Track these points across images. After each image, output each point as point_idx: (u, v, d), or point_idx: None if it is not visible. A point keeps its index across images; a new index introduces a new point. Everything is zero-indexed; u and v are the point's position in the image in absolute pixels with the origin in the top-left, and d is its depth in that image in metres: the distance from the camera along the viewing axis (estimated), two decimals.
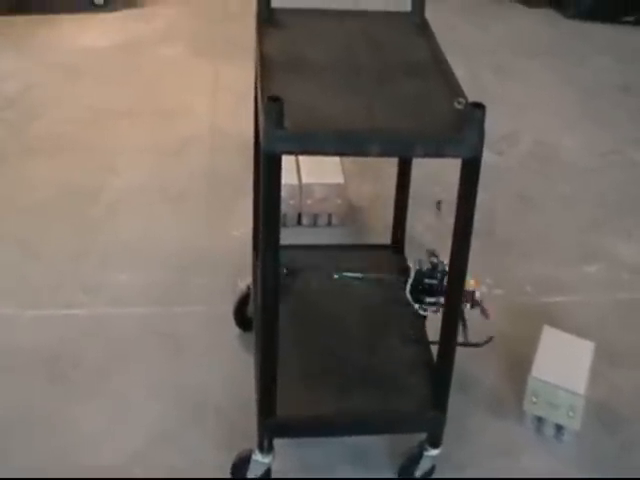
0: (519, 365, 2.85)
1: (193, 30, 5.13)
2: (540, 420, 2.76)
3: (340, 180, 3.52)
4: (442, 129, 2.08)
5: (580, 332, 2.93)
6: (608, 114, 4.56)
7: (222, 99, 4.38)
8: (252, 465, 2.43)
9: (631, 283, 3.42)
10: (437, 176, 3.46)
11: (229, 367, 2.84)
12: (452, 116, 2.07)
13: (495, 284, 3.28)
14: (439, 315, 2.42)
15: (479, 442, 2.70)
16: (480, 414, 2.80)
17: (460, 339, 2.43)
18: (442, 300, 2.50)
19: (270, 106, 1.93)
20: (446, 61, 2.35)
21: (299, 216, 3.53)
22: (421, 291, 2.66)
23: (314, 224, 3.54)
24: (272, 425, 2.37)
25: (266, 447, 2.40)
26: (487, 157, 3.93)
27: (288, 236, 3.37)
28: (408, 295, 2.66)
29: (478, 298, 2.70)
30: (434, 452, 2.48)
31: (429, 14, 2.53)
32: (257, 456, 2.42)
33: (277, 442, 2.41)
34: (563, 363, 2.77)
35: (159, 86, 4.52)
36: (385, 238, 2.98)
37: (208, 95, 4.43)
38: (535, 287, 3.34)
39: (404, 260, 2.88)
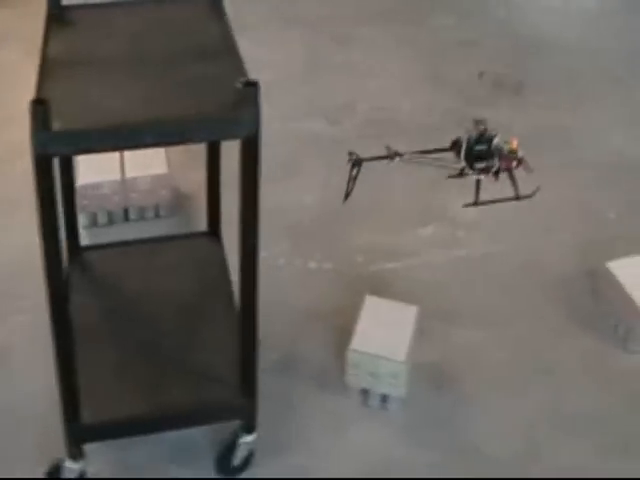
0: (344, 338, 2.82)
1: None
2: (365, 392, 2.74)
3: (164, 170, 3.46)
4: (217, 111, 2.06)
5: (414, 296, 2.93)
6: (449, 73, 4.54)
7: None
8: (64, 472, 2.38)
9: (467, 240, 3.41)
10: None
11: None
12: (231, 97, 2.03)
13: (324, 258, 3.30)
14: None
15: (305, 421, 2.68)
16: (306, 392, 2.78)
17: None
18: (493, 163, 3.13)
19: (35, 108, 1.89)
20: (234, 43, 2.33)
21: (126, 212, 3.45)
22: (474, 158, 3.16)
23: (142, 217, 3.46)
24: (77, 430, 2.33)
25: (76, 453, 2.34)
26: (322, 128, 3.98)
27: (114, 233, 3.35)
28: (464, 163, 3.17)
29: (522, 156, 3.24)
30: (249, 438, 2.45)
31: None
32: (68, 463, 2.36)
33: (99, 444, 2.36)
34: (384, 331, 2.76)
35: None
36: None
37: None
38: (367, 256, 3.32)
39: (221, 247, 2.85)
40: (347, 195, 3.65)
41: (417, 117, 4.17)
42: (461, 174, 3.54)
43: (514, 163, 3.38)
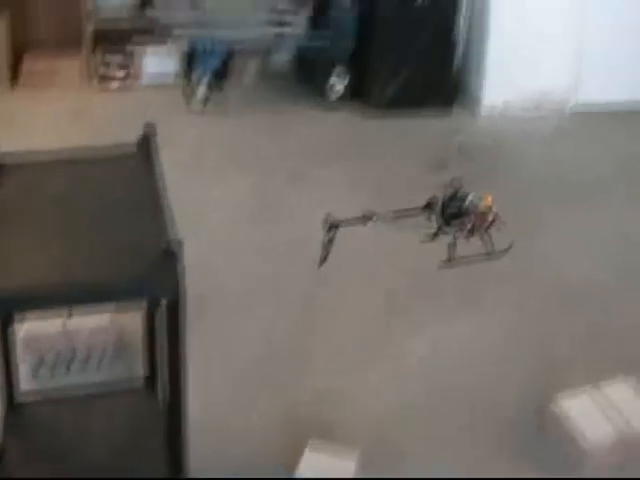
0: None
1: None
2: None
3: (106, 319, 3.45)
4: (139, 273, 2.05)
5: (357, 439, 2.88)
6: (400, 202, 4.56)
7: None
8: None
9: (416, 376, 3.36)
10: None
11: None
12: (154, 259, 2.03)
13: (268, 403, 3.25)
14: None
15: None
16: None
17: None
18: (468, 220, 3.35)
19: None
20: (164, 199, 2.32)
21: (68, 360, 3.42)
22: (449, 216, 3.45)
23: (85, 366, 3.43)
24: None
25: None
26: (273, 266, 3.97)
27: (56, 382, 3.30)
28: (440, 221, 3.47)
29: (496, 212, 3.51)
30: None
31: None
32: None
33: None
34: None
35: None
36: None
37: None
38: (312, 400, 3.27)
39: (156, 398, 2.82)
40: (323, 260, 3.61)
41: (370, 256, 4.17)
42: (436, 235, 3.83)
43: (489, 219, 3.60)
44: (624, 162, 5.25)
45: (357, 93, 5.76)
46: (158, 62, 5.91)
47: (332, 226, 3.58)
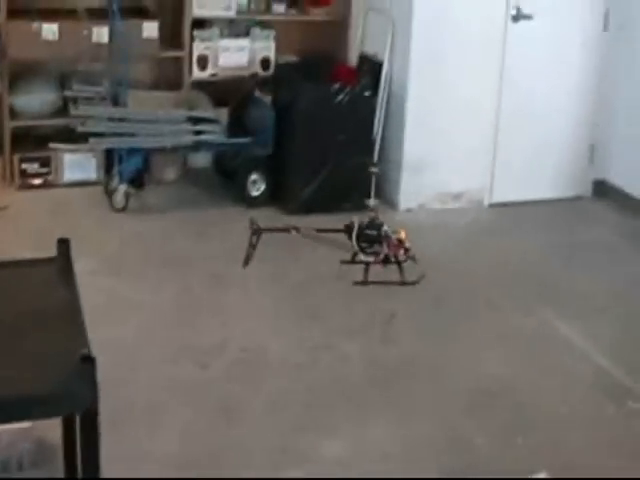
0: None
1: None
2: None
3: (27, 423, 3.41)
4: (51, 388, 2.02)
5: None
6: (320, 307, 4.64)
7: None
8: None
9: None
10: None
11: None
12: (67, 372, 2.01)
13: None
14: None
15: None
16: None
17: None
18: (380, 249, 4.11)
19: None
20: (79, 309, 2.32)
21: None
22: (363, 241, 4.01)
23: (4, 471, 3.38)
24: None
25: None
26: (190, 372, 4.00)
27: None
28: (354, 243, 4.10)
29: (408, 246, 4.12)
30: None
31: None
32: None
33: None
34: None
35: None
36: None
37: None
38: None
39: None
40: (247, 261, 4.18)
41: (287, 355, 4.22)
42: (354, 259, 4.36)
43: (401, 251, 4.19)
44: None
45: (276, 195, 5.87)
46: (78, 161, 5.96)
47: (255, 232, 3.73)
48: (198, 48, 6.28)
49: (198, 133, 5.66)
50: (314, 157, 5.80)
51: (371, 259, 4.38)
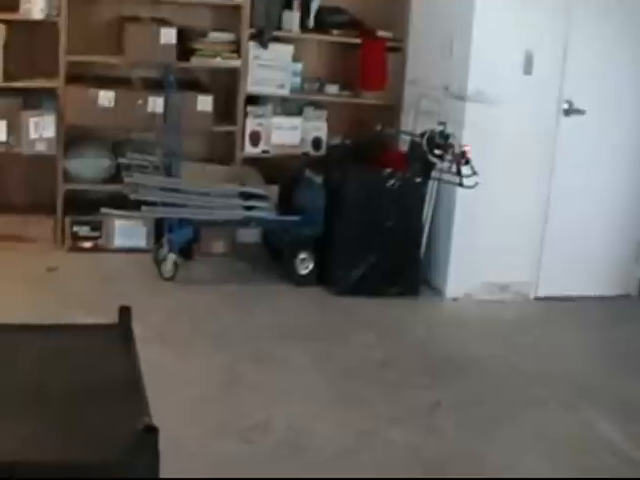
0: None
1: None
2: None
3: None
4: (112, 458, 2.00)
5: None
6: (364, 393, 4.59)
7: None
8: None
9: None
10: None
11: None
12: (129, 442, 1.99)
13: None
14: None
15: None
16: None
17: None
18: (447, 155, 5.20)
19: None
20: (140, 378, 2.31)
21: None
22: (433, 146, 5.14)
23: None
24: None
25: None
26: (235, 448, 3.93)
27: None
28: (424, 144, 5.28)
29: (469, 157, 5.14)
30: None
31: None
32: None
33: None
34: None
35: None
36: None
37: None
38: None
39: None
40: None
41: (331, 439, 4.16)
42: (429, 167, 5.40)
43: (462, 161, 5.11)
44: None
45: (324, 275, 5.86)
46: (129, 227, 5.99)
47: None
48: (251, 124, 6.34)
49: (248, 208, 5.68)
50: (362, 240, 5.78)
51: (436, 161, 5.27)
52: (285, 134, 6.43)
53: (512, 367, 5.08)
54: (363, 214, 5.78)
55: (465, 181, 5.24)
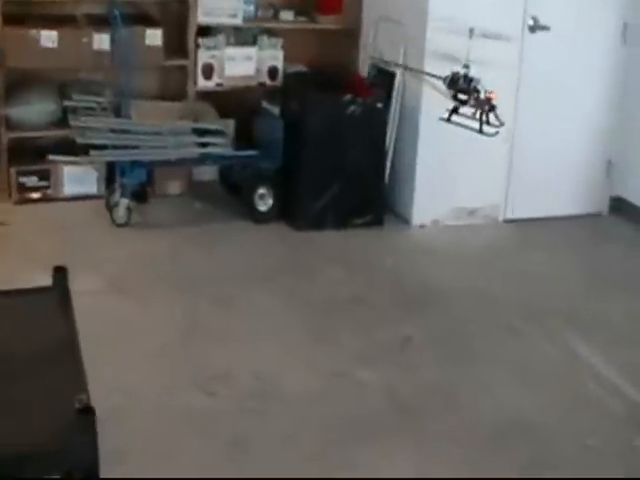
0: None
1: None
2: None
3: None
4: (45, 443, 1.78)
5: None
6: (334, 332, 4.41)
7: None
8: None
9: None
10: None
11: None
12: (64, 422, 1.78)
13: None
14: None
15: None
16: None
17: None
18: (470, 99, 4.75)
19: None
20: (78, 347, 2.09)
21: None
22: (457, 90, 4.76)
23: None
24: None
25: None
26: (198, 401, 3.75)
27: None
28: (445, 86, 4.86)
29: (494, 105, 4.72)
30: None
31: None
32: None
33: None
34: None
35: None
36: None
37: None
38: None
39: None
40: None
41: (301, 385, 3.98)
42: (450, 116, 4.93)
43: (486, 107, 4.71)
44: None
45: (285, 210, 5.64)
46: (79, 174, 5.74)
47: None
48: (203, 57, 6.05)
49: (204, 145, 5.43)
50: (324, 171, 5.56)
51: (458, 105, 4.94)
52: (239, 65, 6.16)
53: (486, 295, 4.93)
54: (324, 144, 5.55)
55: (485, 128, 4.91)
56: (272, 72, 6.22)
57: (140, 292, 4.63)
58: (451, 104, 4.98)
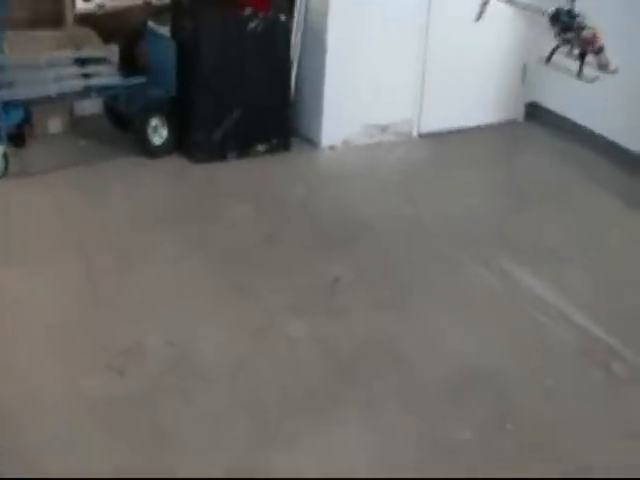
0: None
1: None
2: None
3: None
4: None
5: None
6: (252, 279, 3.95)
7: None
8: None
9: None
10: None
11: None
12: None
13: None
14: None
15: None
16: None
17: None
18: (573, 37, 3.97)
19: None
20: None
21: None
22: (560, 28, 4.04)
23: None
24: None
25: None
26: (106, 383, 3.23)
27: None
28: (549, 21, 4.11)
29: (601, 45, 3.95)
30: None
31: None
32: None
33: None
34: None
35: None
36: None
37: None
38: None
39: None
40: (479, 16, 4.51)
41: (223, 345, 3.50)
42: (551, 55, 4.27)
43: (590, 47, 4.03)
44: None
45: (182, 142, 5.11)
46: None
47: None
48: None
49: (87, 76, 4.92)
50: (223, 95, 5.03)
51: (560, 44, 4.31)
52: None
53: (412, 223, 4.57)
54: (222, 64, 5.02)
55: (585, 72, 4.22)
56: None
57: (26, 257, 4.03)
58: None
